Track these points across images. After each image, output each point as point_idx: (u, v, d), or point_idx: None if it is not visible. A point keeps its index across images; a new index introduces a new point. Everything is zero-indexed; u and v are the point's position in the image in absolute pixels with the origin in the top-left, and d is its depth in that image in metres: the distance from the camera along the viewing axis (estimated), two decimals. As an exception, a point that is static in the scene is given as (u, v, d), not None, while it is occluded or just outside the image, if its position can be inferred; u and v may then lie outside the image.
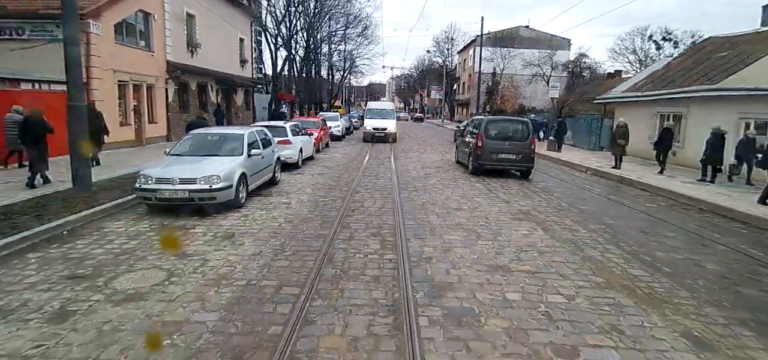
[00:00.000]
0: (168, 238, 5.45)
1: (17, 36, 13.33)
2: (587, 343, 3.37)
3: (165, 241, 5.28)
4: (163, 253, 5.12)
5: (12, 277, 4.42)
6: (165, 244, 5.11)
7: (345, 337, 3.38)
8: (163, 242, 5.24)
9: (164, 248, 5.05)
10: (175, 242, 5.20)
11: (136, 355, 3.09)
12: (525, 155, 11.49)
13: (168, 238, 5.45)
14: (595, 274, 4.82)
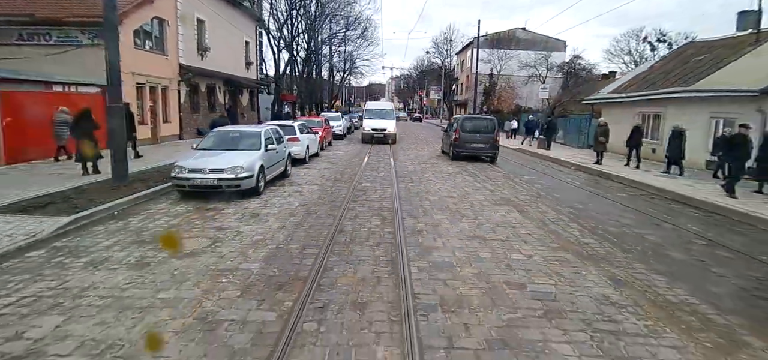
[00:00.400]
0: (168, 237, 5.59)
1: (44, 41, 14.52)
2: (533, 281, 4.59)
3: (165, 241, 5.37)
4: (202, 228, 6.34)
5: (89, 242, 5.62)
6: (166, 244, 5.24)
7: (356, 277, 4.59)
8: (164, 242, 5.36)
9: (165, 248, 5.19)
10: (176, 242, 5.36)
11: (205, 285, 4.29)
12: (491, 144, 15.01)
13: (168, 237, 5.59)
14: (553, 242, 6.04)
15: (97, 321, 3.55)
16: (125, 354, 3.11)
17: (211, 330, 3.47)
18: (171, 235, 5.61)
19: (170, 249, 5.01)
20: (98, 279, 4.42)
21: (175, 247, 5.10)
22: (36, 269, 4.66)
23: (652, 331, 3.62)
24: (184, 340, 3.31)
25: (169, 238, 5.42)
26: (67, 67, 13.75)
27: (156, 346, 3.11)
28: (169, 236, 5.54)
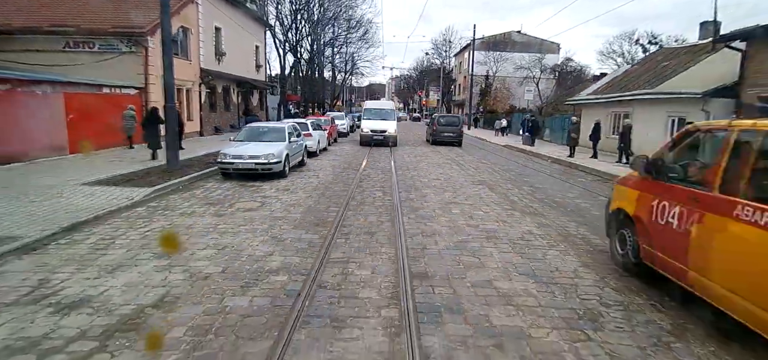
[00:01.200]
0: (169, 237, 5.65)
1: (88, 49, 16.84)
2: (484, 224, 6.93)
3: (166, 241, 5.42)
4: (251, 197, 8.65)
5: (172, 204, 7.93)
6: (166, 244, 5.27)
7: (366, 221, 6.93)
8: (164, 242, 5.46)
9: (165, 247, 5.29)
10: (176, 242, 5.45)
11: (268, 224, 6.60)
12: (457, 134, 22.42)
13: (169, 237, 5.65)
14: (508, 206, 8.37)
15: (208, 238, 5.88)
16: (233, 252, 5.42)
17: (281, 241, 5.81)
18: (171, 235, 5.76)
19: (169, 248, 5.08)
20: (194, 221, 6.75)
21: (175, 246, 5.19)
22: (147, 216, 6.98)
23: (549, 245, 5.95)
24: (269, 246, 5.63)
25: (169, 239, 5.41)
26: (107, 71, 16.07)
27: (156, 346, 3.17)
28: (169, 236, 5.60)
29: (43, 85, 12.32)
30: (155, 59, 17.54)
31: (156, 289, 4.22)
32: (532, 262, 5.28)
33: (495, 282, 4.63)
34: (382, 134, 20.25)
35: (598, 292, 4.42)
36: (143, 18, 16.97)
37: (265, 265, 4.97)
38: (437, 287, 4.46)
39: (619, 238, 5.09)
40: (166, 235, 5.77)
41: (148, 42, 16.88)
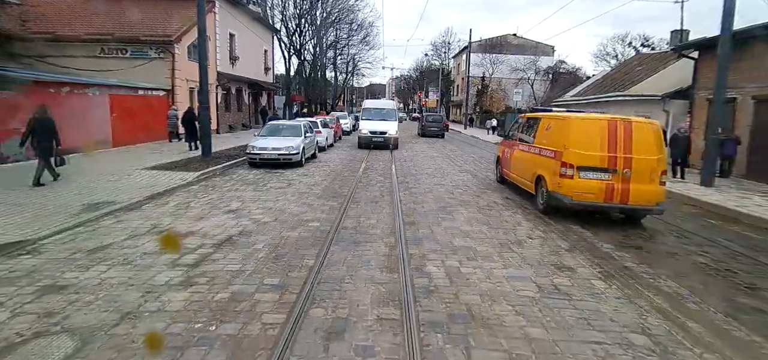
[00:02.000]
0: (169, 237, 5.88)
1: (121, 55, 19.06)
2: (462, 197, 9.15)
3: (166, 241, 5.65)
4: (278, 180, 10.84)
5: (216, 184, 10.13)
6: (166, 244, 5.51)
7: (371, 195, 9.15)
8: (165, 242, 5.64)
9: (166, 247, 5.47)
10: (176, 242, 5.63)
11: (297, 197, 8.81)
12: (440, 128, 28.79)
13: (169, 237, 5.88)
14: (483, 186, 10.58)
15: (257, 203, 8.09)
16: (277, 211, 7.62)
17: (310, 206, 8.04)
18: (171, 235, 5.96)
19: (169, 248, 5.38)
20: (241, 194, 8.97)
21: (175, 246, 5.39)
22: (203, 191, 9.19)
23: (505, 208, 8.16)
24: (302, 208, 7.84)
25: (169, 239, 5.70)
26: (137, 75, 18.26)
27: (156, 346, 3.24)
28: (169, 237, 5.85)
29: (93, 88, 14.53)
30: (181, 64, 19.81)
31: (234, 228, 6.44)
32: (489, 218, 7.50)
33: (460, 227, 6.85)
34: (382, 136, 19.07)
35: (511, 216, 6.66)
36: (171, 27, 19.22)
37: (302, 218, 7.18)
38: (421, 228, 6.68)
39: (498, 177, 11.09)
40: (227, 201, 7.99)
41: (174, 49, 19.11)
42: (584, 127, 7.61)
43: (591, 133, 7.42)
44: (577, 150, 7.34)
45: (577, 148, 7.35)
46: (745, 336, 3.75)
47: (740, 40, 13.39)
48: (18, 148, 9.65)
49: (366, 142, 19.26)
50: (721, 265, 5.63)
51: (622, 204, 7.29)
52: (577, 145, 7.37)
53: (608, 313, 4.05)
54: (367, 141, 19.19)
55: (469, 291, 4.45)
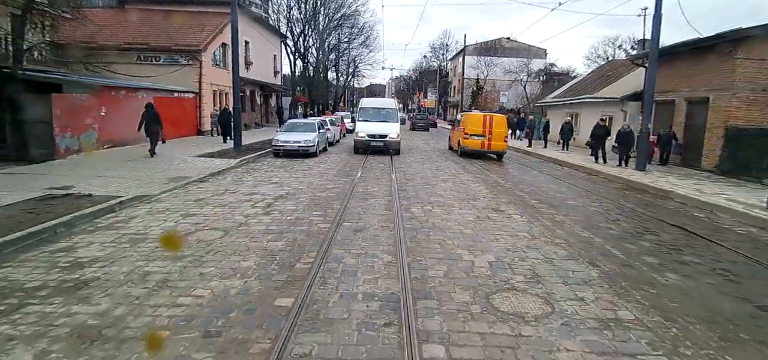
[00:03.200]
0: (169, 237, 6.05)
1: (155, 62, 22.07)
2: (443, 175, 12.18)
3: (166, 241, 5.81)
4: (300, 165, 13.86)
5: (254, 167, 13.16)
6: (167, 243, 5.67)
7: (373, 175, 12.19)
8: (165, 242, 5.80)
9: (166, 246, 5.63)
10: (176, 242, 5.80)
11: (319, 175, 11.84)
12: (426, 124, 39.30)
13: (169, 237, 6.05)
14: (463, 172, 13.61)
15: (289, 179, 11.12)
16: (306, 183, 10.64)
17: (330, 180, 11.10)
18: (171, 235, 6.16)
19: (169, 248, 5.59)
20: (275, 174, 12.00)
21: (175, 246, 5.60)
22: (246, 172, 12.21)
23: (473, 183, 11.21)
24: (324, 182, 10.88)
25: (169, 239, 5.88)
26: (167, 79, 21.25)
27: (156, 345, 3.32)
28: (169, 237, 6.04)
29: (141, 91, 17.55)
30: (206, 70, 22.84)
31: (281, 191, 9.48)
32: (460, 190, 10.55)
33: (439, 194, 9.90)
34: (381, 140, 16.73)
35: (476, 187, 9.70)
36: (198, 38, 22.26)
37: (325, 186, 10.23)
38: (410, 192, 9.74)
39: (449, 146, 18.11)
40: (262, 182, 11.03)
41: (201, 56, 22.15)
42: (474, 118, 17.41)
43: (476, 120, 17.11)
44: (471, 127, 16.68)
45: (471, 127, 16.66)
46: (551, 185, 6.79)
47: (675, 53, 16.51)
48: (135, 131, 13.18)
49: (363, 146, 16.92)
50: (542, 177, 8.67)
51: (488, 150, 16.66)
52: (471, 126, 16.80)
53: (479, 191, 7.09)
54: (365, 145, 16.84)
55: (425, 197, 7.50)
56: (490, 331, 3.75)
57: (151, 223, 6.78)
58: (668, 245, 6.62)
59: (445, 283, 4.72)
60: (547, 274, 5.10)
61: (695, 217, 8.80)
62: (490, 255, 5.73)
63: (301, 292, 4.33)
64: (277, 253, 5.56)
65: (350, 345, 3.46)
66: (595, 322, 3.97)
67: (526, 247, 6.13)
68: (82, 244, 5.69)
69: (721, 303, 4.55)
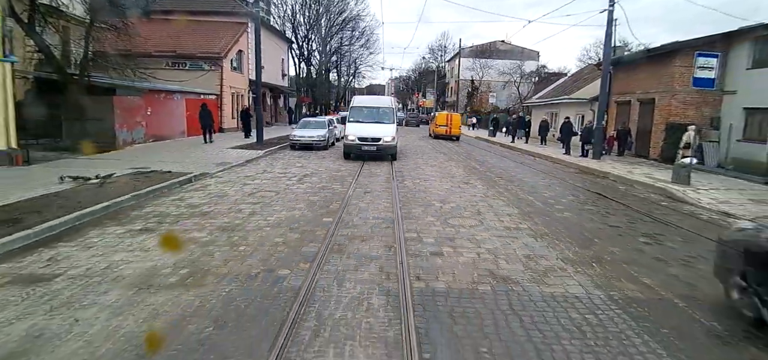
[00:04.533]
0: (169, 237, 6.23)
1: (181, 68, 25.18)
2: (432, 162, 15.33)
3: (166, 240, 5.99)
4: (315, 156, 16.99)
5: (277, 158, 16.28)
6: (167, 243, 5.83)
7: (377, 163, 15.33)
8: (165, 241, 5.97)
9: (166, 246, 5.76)
10: (176, 242, 5.94)
11: (331, 163, 14.96)
12: (416, 121, 49.30)
13: (169, 237, 6.23)
14: (450, 161, 16.75)
15: (308, 165, 14.26)
16: (323, 167, 13.77)
17: (342, 165, 14.24)
18: (172, 235, 6.31)
19: (169, 248, 5.67)
20: (296, 161, 15.16)
21: (176, 246, 5.70)
22: (273, 160, 15.34)
23: (453, 165, 14.34)
24: (336, 165, 14.02)
25: (170, 238, 6.11)
26: (194, 83, 24.35)
27: (156, 345, 3.39)
28: (169, 236, 6.23)
29: (177, 94, 20.69)
30: (226, 75, 25.96)
31: (306, 171, 12.63)
32: (443, 170, 13.68)
33: (430, 178, 13.02)
34: (374, 144, 15.16)
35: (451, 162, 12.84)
36: (219, 46, 25.40)
37: (339, 169, 13.36)
38: (405, 173, 12.87)
39: (429, 133, 24.52)
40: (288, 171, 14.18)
41: (222, 63, 25.29)
42: (441, 115, 28.44)
43: (442, 117, 27.67)
44: (439, 121, 26.58)
45: (439, 121, 26.84)
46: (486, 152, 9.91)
47: (632, 61, 19.66)
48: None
49: (355, 151, 15.35)
50: (495, 156, 11.79)
51: (450, 135, 25.24)
52: (439, 120, 27.11)
53: (449, 164, 10.21)
54: (356, 149, 15.27)
55: (416, 172, 10.63)
56: (442, 229, 6.89)
57: (223, 187, 9.93)
58: (580, 201, 9.77)
59: (421, 215, 7.86)
60: (485, 211, 8.24)
61: (617, 187, 11.95)
62: (453, 204, 8.86)
63: (335, 216, 7.45)
64: (315, 202, 8.68)
65: (366, 233, 6.59)
66: (503, 228, 7.11)
67: (478, 200, 9.26)
68: (187, 197, 8.82)
69: (588, 224, 7.68)
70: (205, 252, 5.55)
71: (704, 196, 10.41)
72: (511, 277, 5.04)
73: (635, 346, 3.64)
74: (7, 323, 3.64)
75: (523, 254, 5.88)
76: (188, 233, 6.34)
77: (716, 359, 3.58)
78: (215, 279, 4.71)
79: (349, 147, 15.68)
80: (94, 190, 8.67)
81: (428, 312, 4.10)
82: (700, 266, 5.66)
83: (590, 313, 4.22)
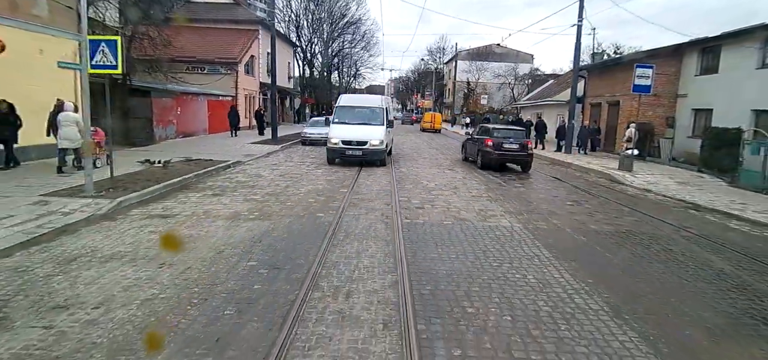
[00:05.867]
0: (169, 237, 6.22)
1: (200, 71, 28.00)
2: (424, 154, 18.19)
3: (166, 240, 5.97)
4: (325, 150, 19.82)
5: (292, 152, 19.10)
6: (166, 243, 5.82)
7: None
8: (165, 241, 5.99)
9: (166, 246, 5.78)
10: (176, 242, 5.90)
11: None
12: (412, 120, 53.12)
13: (169, 237, 6.22)
14: (440, 155, 19.60)
15: (319, 155, 17.08)
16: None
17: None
18: (172, 235, 6.32)
19: (169, 248, 5.67)
20: (310, 154, 18.00)
21: (176, 245, 5.70)
22: (290, 152, 18.17)
23: (442, 155, 17.18)
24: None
25: (169, 238, 6.10)
26: (212, 85, 27.17)
27: (156, 345, 3.45)
28: (169, 236, 6.26)
29: (201, 96, 23.51)
30: (241, 78, 28.77)
31: (320, 161, 15.43)
32: (434, 160, 16.51)
33: (424, 165, 15.84)
34: (359, 148, 13.98)
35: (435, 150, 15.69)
36: (234, 52, 28.24)
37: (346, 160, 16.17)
38: (402, 157, 15.68)
39: (420, 128, 30.78)
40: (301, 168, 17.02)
41: (238, 67, 28.12)
42: (427, 114, 39.76)
43: (428, 116, 38.27)
44: (426, 118, 36.03)
45: (426, 118, 36.56)
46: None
47: (604, 67, 22.51)
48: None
49: (338, 155, 14.31)
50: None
51: (434, 130, 33.56)
52: (426, 118, 37.35)
53: (436, 154, 13.04)
54: (339, 154, 14.24)
55: (410, 160, 13.45)
56: (425, 195, 9.74)
57: (257, 170, 12.75)
58: (538, 182, 12.59)
59: (411, 188, 10.67)
60: (460, 186, 11.08)
61: (573, 173, 14.78)
62: (437, 182, 11.68)
63: (349, 188, 10.28)
64: (332, 180, 11.51)
65: (373, 196, 9.42)
66: (470, 196, 9.93)
67: (457, 181, 12.08)
68: (233, 176, 11.63)
69: (535, 195, 10.50)
70: (265, 205, 8.37)
71: (639, 180, 13.24)
72: (466, 218, 7.87)
73: (528, 245, 6.45)
74: (169, 230, 6.46)
75: (478, 209, 8.71)
76: (247, 196, 9.16)
77: (574, 245, 6.37)
78: (278, 217, 7.52)
79: (332, 151, 14.25)
80: (161, 171, 11.49)
81: (411, 231, 6.91)
82: (599, 215, 8.49)
83: (508, 232, 7.04)
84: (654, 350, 3.66)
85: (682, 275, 5.54)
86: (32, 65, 11.98)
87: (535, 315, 4.21)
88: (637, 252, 6.46)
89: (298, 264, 5.31)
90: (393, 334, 3.77)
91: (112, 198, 8.00)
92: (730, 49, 16.95)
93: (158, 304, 4.15)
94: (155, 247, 5.73)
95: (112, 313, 3.94)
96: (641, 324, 4.09)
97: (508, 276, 5.18)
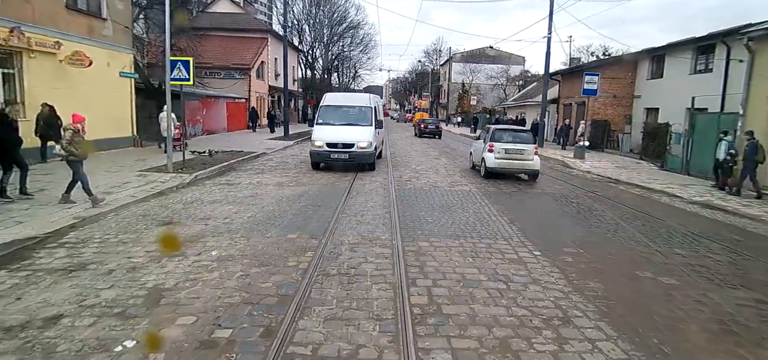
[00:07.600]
0: (168, 237, 6.44)
1: (217, 76, 31.31)
2: (417, 148, 21.59)
3: (165, 240, 6.21)
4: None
5: (302, 146, 22.47)
6: (165, 243, 6.07)
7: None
8: (164, 241, 6.20)
9: (165, 246, 5.95)
10: (175, 242, 6.09)
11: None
12: (405, 119, 56.34)
13: (168, 237, 6.44)
14: (430, 147, 23.01)
15: (331, 148, 20.49)
16: (341, 150, 20.02)
17: (353, 149, 20.52)
18: (171, 234, 6.56)
19: (169, 248, 5.79)
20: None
21: (175, 245, 5.90)
22: (302, 147, 21.53)
23: (434, 151, 20.59)
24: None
25: (168, 238, 6.34)
26: (227, 89, 30.50)
27: (155, 346, 3.59)
28: (169, 236, 6.48)
29: (221, 99, 26.88)
30: (252, 82, 32.13)
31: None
32: (428, 155, 19.93)
33: (416, 157, 19.25)
34: (345, 151, 13.23)
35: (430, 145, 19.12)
36: (247, 58, 31.62)
37: (351, 151, 19.61)
38: (397, 156, 19.09)
39: (414, 128, 28.95)
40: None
41: (250, 72, 31.50)
42: (419, 114, 44.90)
43: (419, 115, 42.66)
44: (416, 118, 35.38)
45: (416, 117, 37.64)
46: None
47: (573, 72, 25.97)
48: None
49: (323, 159, 13.55)
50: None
51: None
52: (417, 117, 38.83)
53: (428, 152, 16.45)
54: (324, 158, 13.46)
55: (402, 154, 16.86)
56: (412, 174, 13.15)
57: (281, 159, 16.13)
58: (504, 167, 16.02)
59: (403, 170, 14.06)
60: (442, 169, 14.51)
61: (537, 162, 18.19)
62: (423, 166, 15.08)
63: (355, 176, 13.66)
64: (343, 171, 14.92)
65: (375, 181, 12.83)
66: (448, 174, 13.33)
67: (440, 166, 15.47)
68: (265, 161, 15.01)
69: (494, 187, 13.94)
70: (297, 179, 11.77)
71: (586, 165, 16.67)
72: (440, 186, 11.27)
73: (479, 201, 9.83)
74: (239, 191, 9.85)
75: (450, 181, 12.13)
76: (283, 174, 12.57)
77: (508, 200, 9.72)
78: (309, 185, 10.92)
79: (316, 155, 13.35)
80: (208, 159, 14.85)
81: (402, 193, 10.29)
82: (539, 189, 11.91)
83: (467, 194, 10.45)
84: (521, 232, 7.06)
85: (569, 213, 8.96)
86: (105, 75, 15.40)
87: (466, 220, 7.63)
88: (547, 201, 9.88)
89: (331, 206, 8.71)
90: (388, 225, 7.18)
91: (190, 173, 11.39)
92: (672, 57, 20.40)
93: (258, 218, 7.56)
94: (237, 200, 9.12)
95: (235, 220, 7.34)
96: (524, 227, 7.48)
97: (455, 208, 8.60)
